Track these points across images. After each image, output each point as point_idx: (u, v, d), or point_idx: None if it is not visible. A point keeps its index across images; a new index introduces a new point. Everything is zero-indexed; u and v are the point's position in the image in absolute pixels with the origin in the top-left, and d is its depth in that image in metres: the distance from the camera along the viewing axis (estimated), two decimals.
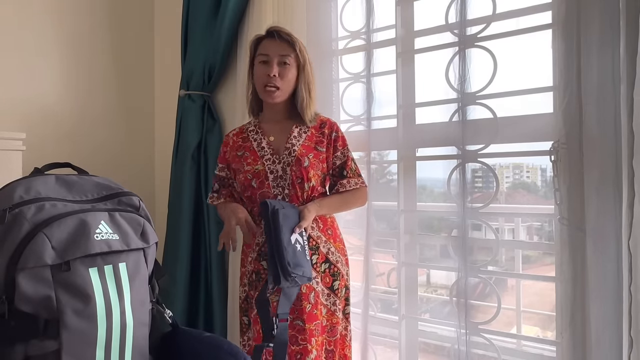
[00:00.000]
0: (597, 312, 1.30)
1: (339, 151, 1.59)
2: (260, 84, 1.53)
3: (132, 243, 0.97)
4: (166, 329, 1.07)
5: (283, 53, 1.52)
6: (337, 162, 1.59)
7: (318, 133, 1.58)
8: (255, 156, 1.54)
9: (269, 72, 1.50)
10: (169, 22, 2.39)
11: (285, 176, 1.50)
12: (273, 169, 1.51)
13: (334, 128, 1.61)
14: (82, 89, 2.18)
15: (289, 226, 1.36)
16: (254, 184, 1.51)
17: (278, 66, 1.51)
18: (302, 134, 1.56)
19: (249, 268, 1.54)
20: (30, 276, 0.83)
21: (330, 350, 1.52)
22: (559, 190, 1.42)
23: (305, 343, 1.42)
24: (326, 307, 1.52)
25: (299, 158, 1.50)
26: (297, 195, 1.50)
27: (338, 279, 1.54)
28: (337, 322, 1.53)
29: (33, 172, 1.03)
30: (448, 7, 1.65)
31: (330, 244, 1.54)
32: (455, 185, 1.61)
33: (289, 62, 1.52)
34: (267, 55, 1.52)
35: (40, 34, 2.04)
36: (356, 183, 1.58)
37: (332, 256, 1.53)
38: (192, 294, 2.09)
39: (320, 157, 1.55)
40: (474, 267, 1.59)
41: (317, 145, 1.56)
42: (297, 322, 1.44)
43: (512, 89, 1.58)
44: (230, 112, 2.16)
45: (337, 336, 1.53)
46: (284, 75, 1.51)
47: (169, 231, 2.14)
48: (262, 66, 1.52)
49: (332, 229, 1.58)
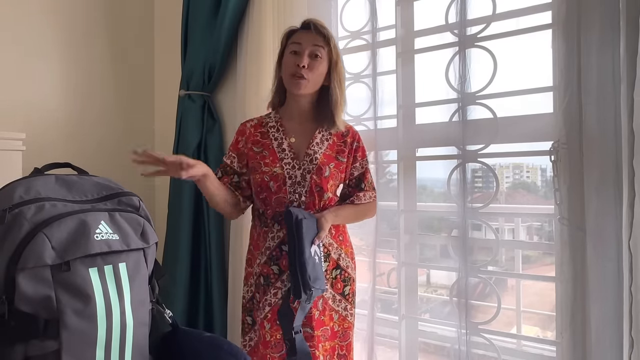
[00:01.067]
0: (597, 312, 1.30)
1: (358, 162, 1.57)
2: (288, 73, 1.47)
3: (132, 243, 0.97)
4: (166, 329, 1.06)
5: (316, 44, 1.46)
6: (355, 173, 1.57)
7: (340, 142, 1.54)
8: (274, 157, 1.49)
9: (299, 62, 1.44)
10: (169, 22, 2.39)
11: (304, 183, 1.46)
12: (292, 174, 1.47)
13: (356, 138, 1.57)
14: (82, 88, 2.18)
15: (309, 237, 1.35)
16: (272, 187, 1.46)
17: (309, 57, 1.45)
18: (324, 140, 1.52)
19: (256, 270, 1.51)
20: (30, 276, 0.83)
21: (342, 355, 1.52)
22: (559, 190, 1.42)
23: (313, 349, 1.41)
24: (337, 312, 1.51)
25: (321, 167, 1.47)
26: (314, 203, 1.47)
27: (349, 284, 1.53)
28: (349, 327, 1.52)
29: (33, 172, 1.03)
30: (448, 7, 1.65)
31: (341, 249, 1.53)
32: (455, 185, 1.61)
33: (320, 55, 1.46)
34: (299, 45, 1.46)
35: (40, 33, 2.04)
36: (371, 197, 1.58)
37: (343, 262, 1.52)
38: (192, 294, 2.09)
39: (340, 167, 1.52)
40: (474, 267, 1.59)
41: (338, 155, 1.53)
42: (305, 329, 1.42)
43: (512, 89, 1.58)
44: (230, 112, 2.16)
45: (349, 340, 1.52)
46: (314, 67, 1.46)
47: (169, 231, 2.14)
48: (292, 56, 1.47)
49: (343, 235, 1.56)
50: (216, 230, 2.07)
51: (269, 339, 1.44)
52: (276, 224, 1.47)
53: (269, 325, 1.44)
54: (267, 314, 1.45)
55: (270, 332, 1.44)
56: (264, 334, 1.45)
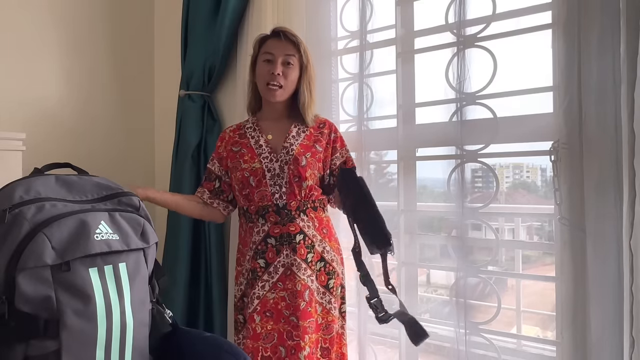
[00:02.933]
0: (597, 312, 1.30)
1: (338, 152, 1.62)
2: (263, 82, 1.54)
3: (132, 243, 0.97)
4: (166, 329, 1.07)
5: (288, 53, 1.53)
6: (337, 162, 1.61)
7: (317, 132, 1.60)
8: (252, 154, 1.54)
9: (273, 70, 1.51)
10: (169, 22, 2.39)
11: (282, 174, 1.51)
12: (270, 167, 1.52)
13: (333, 129, 1.63)
14: (82, 89, 2.18)
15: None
16: (252, 182, 1.51)
17: (282, 66, 1.52)
18: (300, 133, 1.57)
19: (246, 266, 1.54)
20: (30, 276, 0.83)
21: (325, 348, 1.53)
22: (559, 190, 1.42)
23: (298, 339, 1.44)
24: (321, 305, 1.52)
25: (297, 157, 1.51)
26: (295, 193, 1.51)
27: (333, 277, 1.55)
28: (332, 320, 1.54)
29: (33, 172, 1.03)
30: (448, 7, 1.65)
31: (325, 242, 1.55)
32: (455, 185, 1.61)
33: (292, 63, 1.54)
34: (271, 54, 1.53)
35: (40, 33, 2.04)
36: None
37: (328, 255, 1.54)
38: (192, 294, 2.09)
39: (317, 156, 1.56)
40: (473, 267, 1.59)
41: (315, 144, 1.57)
42: (292, 318, 1.46)
43: (512, 89, 1.58)
44: (230, 112, 2.16)
45: (332, 334, 1.54)
46: (287, 74, 1.53)
47: (169, 231, 2.14)
48: (265, 64, 1.53)
49: (327, 228, 1.58)
50: (216, 230, 2.07)
51: (260, 330, 1.47)
52: (260, 218, 1.51)
53: (259, 318, 1.47)
54: (257, 307, 1.48)
55: (261, 324, 1.47)
56: (255, 327, 1.47)
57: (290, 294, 1.47)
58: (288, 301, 1.47)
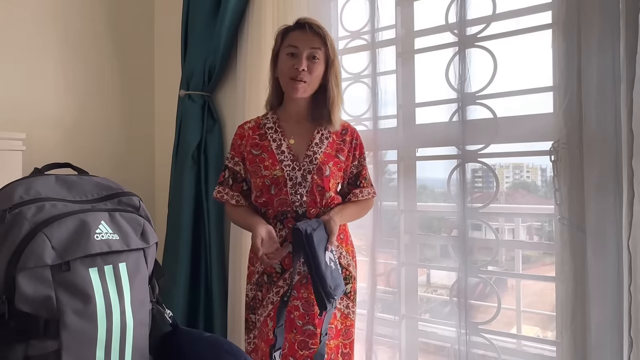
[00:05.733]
0: (597, 312, 1.30)
1: (357, 160, 1.56)
2: (286, 77, 1.44)
3: (132, 243, 0.97)
4: (166, 329, 1.06)
5: (313, 46, 1.42)
6: (354, 171, 1.56)
7: (339, 140, 1.52)
8: (274, 160, 1.46)
9: (297, 65, 1.41)
10: (169, 22, 2.39)
11: (304, 183, 1.44)
12: (292, 175, 1.44)
13: (355, 135, 1.56)
14: (82, 89, 2.18)
15: (322, 247, 1.34)
16: (272, 190, 1.44)
17: (307, 60, 1.42)
18: (323, 140, 1.50)
19: (259, 269, 1.50)
20: (30, 276, 0.83)
21: (346, 353, 1.51)
22: (559, 190, 1.42)
23: (315, 347, 1.41)
24: (340, 310, 1.51)
25: (321, 167, 1.45)
26: (316, 202, 1.46)
27: (350, 282, 1.52)
28: (351, 325, 1.52)
29: (33, 172, 1.02)
30: (448, 7, 1.65)
31: (342, 248, 1.52)
32: (455, 185, 1.61)
33: (318, 57, 1.43)
34: (296, 48, 1.43)
35: (40, 34, 2.04)
36: (369, 193, 1.57)
37: (344, 260, 1.52)
38: (192, 294, 2.09)
39: (339, 166, 1.50)
40: (474, 267, 1.59)
41: (337, 153, 1.51)
42: (307, 327, 1.42)
43: (512, 89, 1.58)
44: (230, 112, 2.16)
45: (352, 338, 1.52)
46: (312, 70, 1.43)
47: (169, 231, 2.14)
48: (289, 58, 1.43)
49: (345, 233, 1.56)
50: (216, 230, 2.07)
51: (272, 336, 1.44)
52: (278, 222, 1.46)
53: (272, 324, 1.44)
54: (270, 312, 1.46)
55: (273, 331, 1.44)
56: (267, 331, 1.45)
57: (304, 303, 1.43)
58: (302, 310, 1.43)
